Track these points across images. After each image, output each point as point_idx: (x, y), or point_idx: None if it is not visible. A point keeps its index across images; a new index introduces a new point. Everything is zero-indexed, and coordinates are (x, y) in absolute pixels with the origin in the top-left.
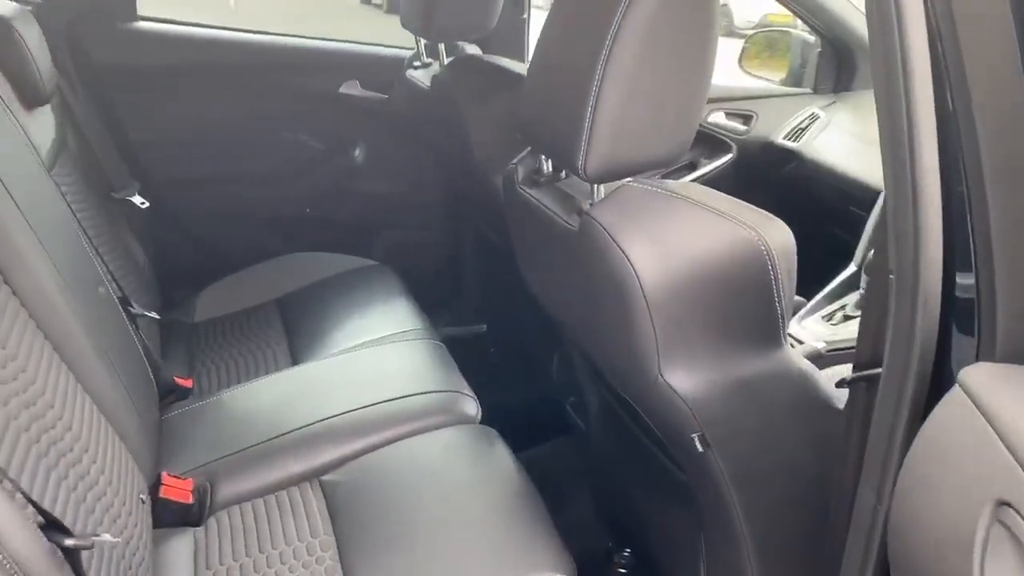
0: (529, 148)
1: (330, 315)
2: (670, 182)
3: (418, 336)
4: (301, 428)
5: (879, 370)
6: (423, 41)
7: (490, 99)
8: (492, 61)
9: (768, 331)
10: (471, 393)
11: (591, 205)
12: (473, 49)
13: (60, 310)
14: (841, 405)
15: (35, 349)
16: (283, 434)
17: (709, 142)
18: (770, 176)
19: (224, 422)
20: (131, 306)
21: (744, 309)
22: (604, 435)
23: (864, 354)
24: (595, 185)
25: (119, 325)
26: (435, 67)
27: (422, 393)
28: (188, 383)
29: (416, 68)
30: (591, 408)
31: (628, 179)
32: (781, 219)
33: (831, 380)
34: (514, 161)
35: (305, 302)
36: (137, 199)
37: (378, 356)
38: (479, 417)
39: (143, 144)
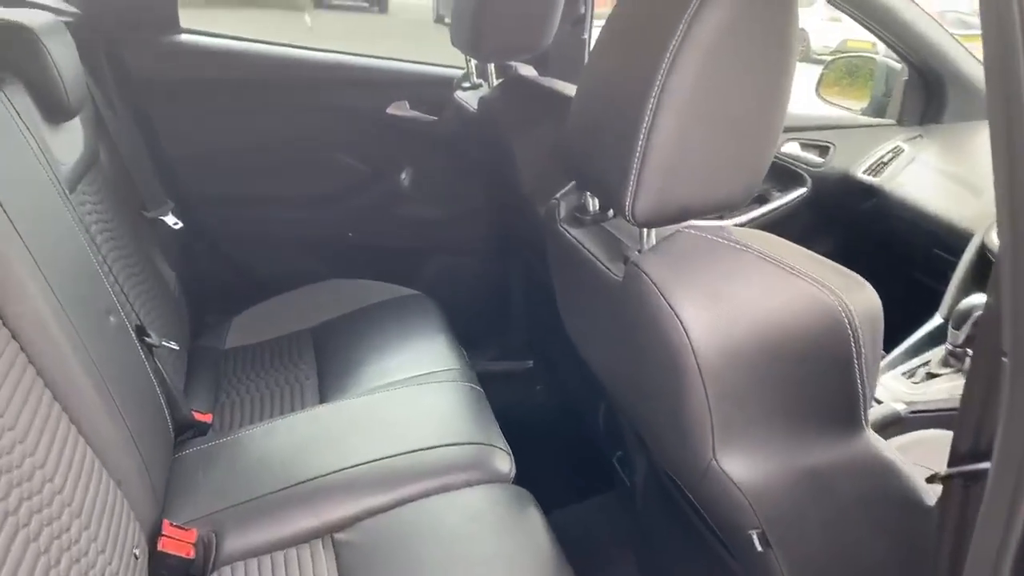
0: (574, 182)
1: (363, 348)
2: (734, 228)
3: (453, 378)
4: (317, 478)
5: (984, 466)
6: (473, 61)
7: (540, 125)
8: (544, 84)
9: (846, 413)
10: (505, 446)
11: (639, 253)
12: (527, 70)
13: (56, 342)
14: (931, 502)
15: (22, 386)
16: (298, 483)
17: (782, 174)
18: (847, 213)
19: (238, 465)
20: (148, 335)
21: (818, 387)
22: (651, 502)
23: (963, 445)
24: (645, 230)
25: (129, 357)
26: (484, 88)
27: (451, 445)
28: (207, 418)
29: (465, 89)
30: (638, 469)
31: (684, 223)
32: (857, 260)
33: (917, 461)
34: (557, 196)
35: (340, 332)
36: (170, 219)
37: (408, 398)
38: (512, 474)
39: (180, 161)
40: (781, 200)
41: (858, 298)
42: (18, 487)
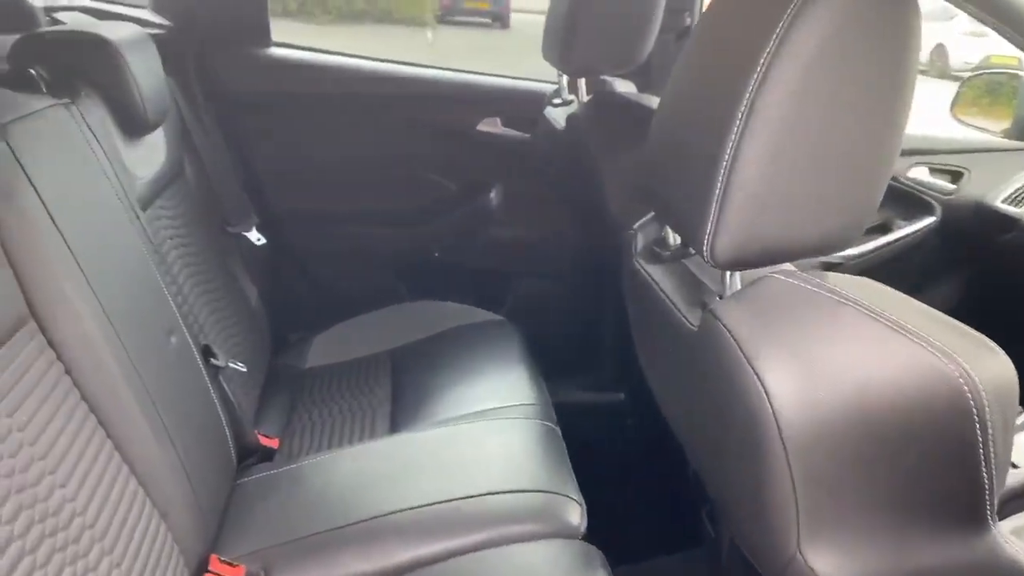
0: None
1: (439, 375)
2: (833, 275)
3: (528, 414)
4: (373, 518)
5: None
6: (565, 76)
7: (630, 145)
8: (636, 100)
9: (967, 508)
10: (578, 496)
11: (719, 299)
12: (625, 86)
13: (104, 366)
14: None
15: (62, 411)
16: (353, 523)
17: (907, 201)
18: (981, 247)
19: (296, 497)
20: (214, 356)
21: (932, 475)
22: (735, 566)
23: None
24: (727, 273)
25: (190, 379)
26: (575, 105)
27: (517, 491)
28: (274, 443)
29: (556, 105)
30: (728, 530)
31: (775, 267)
32: (992, 301)
33: None
34: (635, 227)
35: (418, 357)
36: (253, 234)
37: (478, 435)
38: (583, 527)
39: (265, 176)
40: (905, 230)
41: (986, 366)
42: (40, 523)
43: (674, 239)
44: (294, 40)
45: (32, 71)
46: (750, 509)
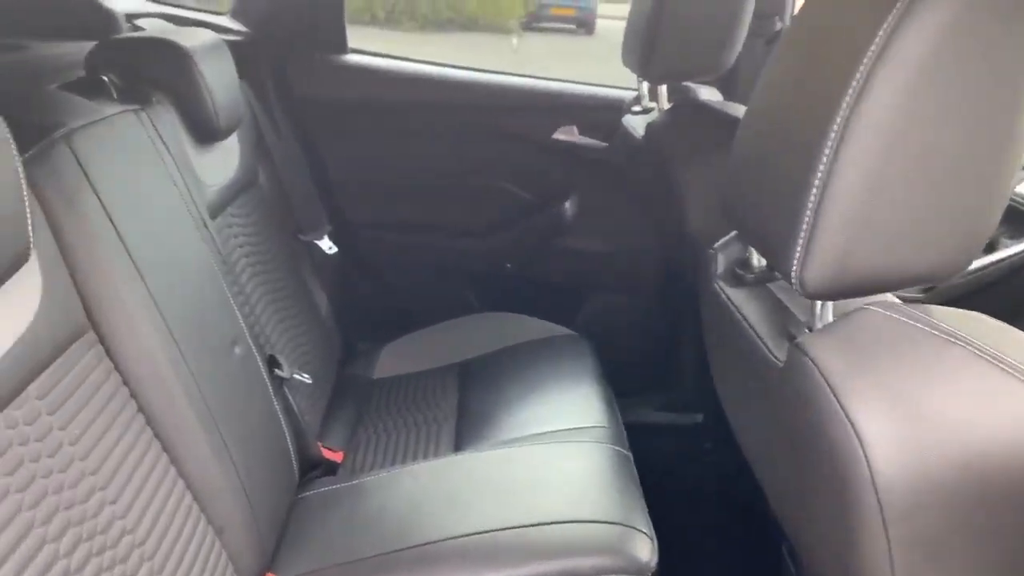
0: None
1: (507, 391)
2: (940, 309)
3: (599, 437)
4: (429, 544)
5: None
6: (645, 82)
7: (712, 156)
8: (719, 109)
9: None
10: (648, 529)
11: (808, 332)
12: (709, 93)
13: (162, 376)
14: None
15: (118, 423)
16: (411, 547)
17: (1014, 217)
18: None
19: (355, 516)
20: (279, 367)
21: None
22: None
23: None
24: (818, 303)
25: (253, 390)
26: (655, 113)
27: (586, 522)
28: (338, 457)
29: (635, 113)
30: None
31: (872, 297)
32: None
33: None
34: (715, 246)
35: (486, 371)
36: (325, 243)
37: (544, 458)
38: (653, 563)
39: (339, 184)
40: (1011, 250)
41: None
42: (87, 541)
43: (759, 261)
44: (381, 48)
45: (104, 78)
46: (836, 563)
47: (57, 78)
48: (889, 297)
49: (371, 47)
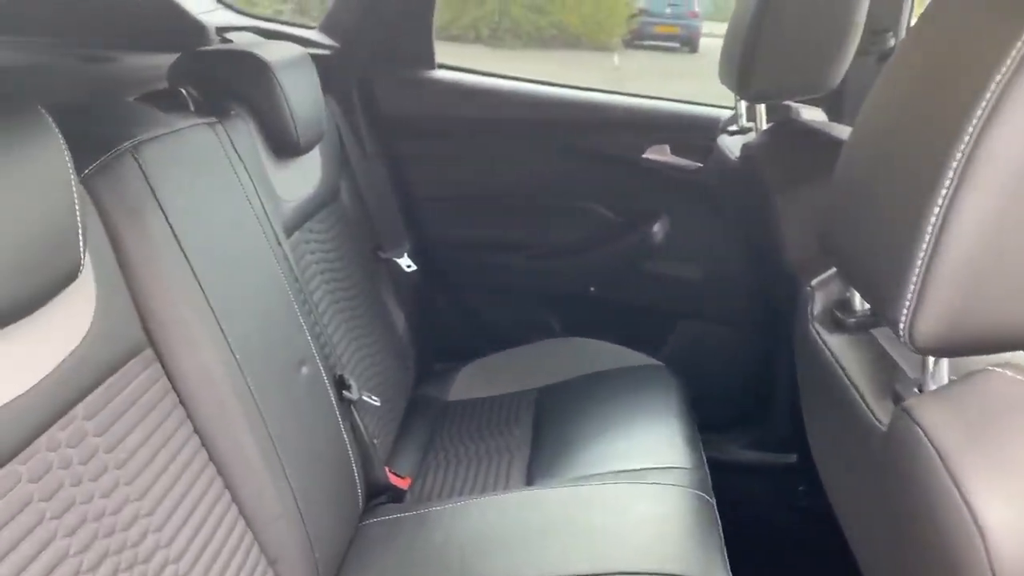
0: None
1: (585, 423)
2: None
3: (682, 481)
4: None
5: None
6: (743, 101)
7: (813, 181)
8: (823, 131)
9: None
10: None
11: (918, 393)
12: (813, 114)
13: (222, 398)
14: None
15: (170, 445)
16: None
17: None
18: None
19: (416, 550)
20: (347, 387)
21: None
22: None
23: None
24: (930, 359)
25: (318, 413)
26: (753, 134)
27: (656, 574)
28: (405, 484)
29: (731, 133)
30: None
31: (996, 355)
32: None
33: None
34: (813, 283)
35: (565, 399)
36: (404, 260)
37: (619, 499)
38: None
39: (422, 201)
40: None
41: None
42: (127, 571)
43: (862, 304)
44: (484, 66)
45: (182, 90)
46: None
47: (139, 89)
48: (1018, 355)
49: (476, 65)
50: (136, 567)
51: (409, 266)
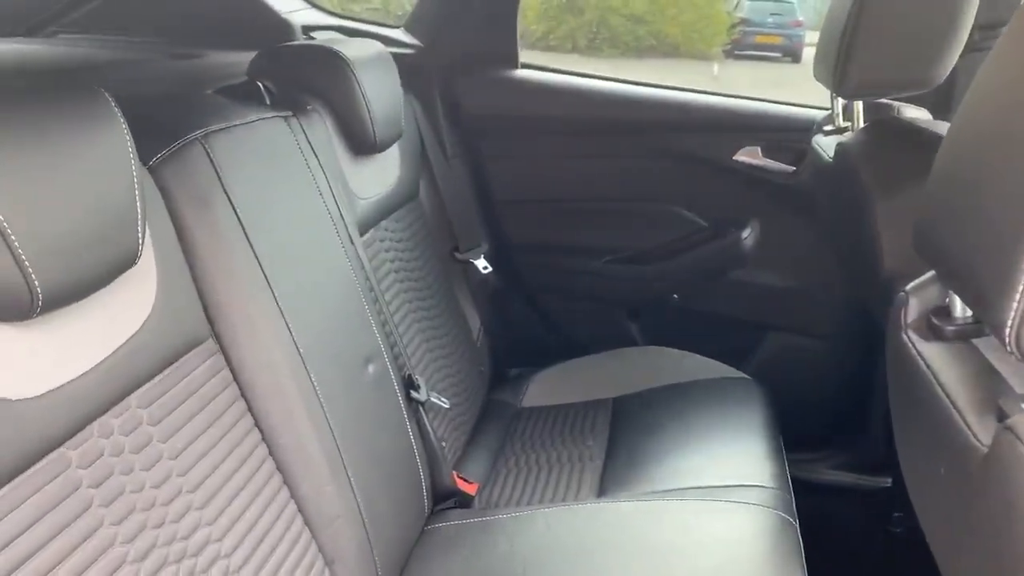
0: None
1: (663, 435)
2: None
3: (764, 501)
4: None
5: None
6: (840, 100)
7: (914, 182)
8: (926, 129)
9: None
10: None
11: None
12: (915, 112)
13: (284, 391)
14: None
15: (229, 437)
16: None
17: None
18: None
19: (480, 558)
20: (416, 388)
21: None
22: None
23: None
24: None
25: (385, 413)
26: (849, 133)
27: None
28: (472, 489)
29: (827, 133)
30: None
31: None
32: None
33: None
34: (908, 288)
35: (642, 409)
36: (481, 262)
37: (698, 517)
38: None
39: (502, 202)
40: None
41: None
42: (175, 563)
43: (962, 310)
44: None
45: (260, 84)
46: None
47: (218, 84)
48: None
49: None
50: (185, 560)
51: (486, 268)
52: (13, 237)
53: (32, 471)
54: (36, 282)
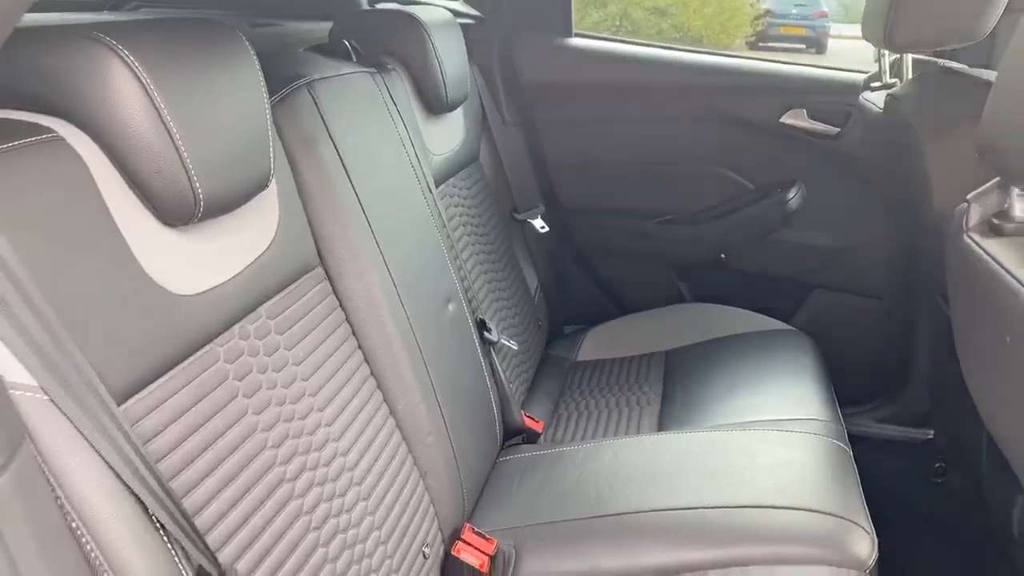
0: (995, 179)
1: (718, 380)
2: None
3: (818, 430)
4: (629, 514)
5: None
6: (887, 56)
7: (964, 125)
8: (977, 74)
9: None
10: (869, 526)
11: None
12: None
13: (382, 318)
14: None
15: (338, 354)
16: (608, 515)
17: None
18: None
19: (553, 482)
20: (488, 331)
21: None
22: None
23: None
24: None
25: (463, 349)
26: (897, 86)
27: (798, 509)
28: (539, 426)
29: (874, 89)
30: None
31: None
32: None
33: None
34: (969, 196)
35: (696, 360)
36: (538, 222)
37: (758, 443)
38: (872, 561)
39: (557, 166)
40: None
41: None
42: (303, 455)
43: (1021, 210)
44: None
45: (346, 42)
46: None
47: (303, 47)
48: None
49: None
50: (311, 453)
51: (543, 227)
52: (185, 153)
53: (188, 362)
54: (200, 190)
